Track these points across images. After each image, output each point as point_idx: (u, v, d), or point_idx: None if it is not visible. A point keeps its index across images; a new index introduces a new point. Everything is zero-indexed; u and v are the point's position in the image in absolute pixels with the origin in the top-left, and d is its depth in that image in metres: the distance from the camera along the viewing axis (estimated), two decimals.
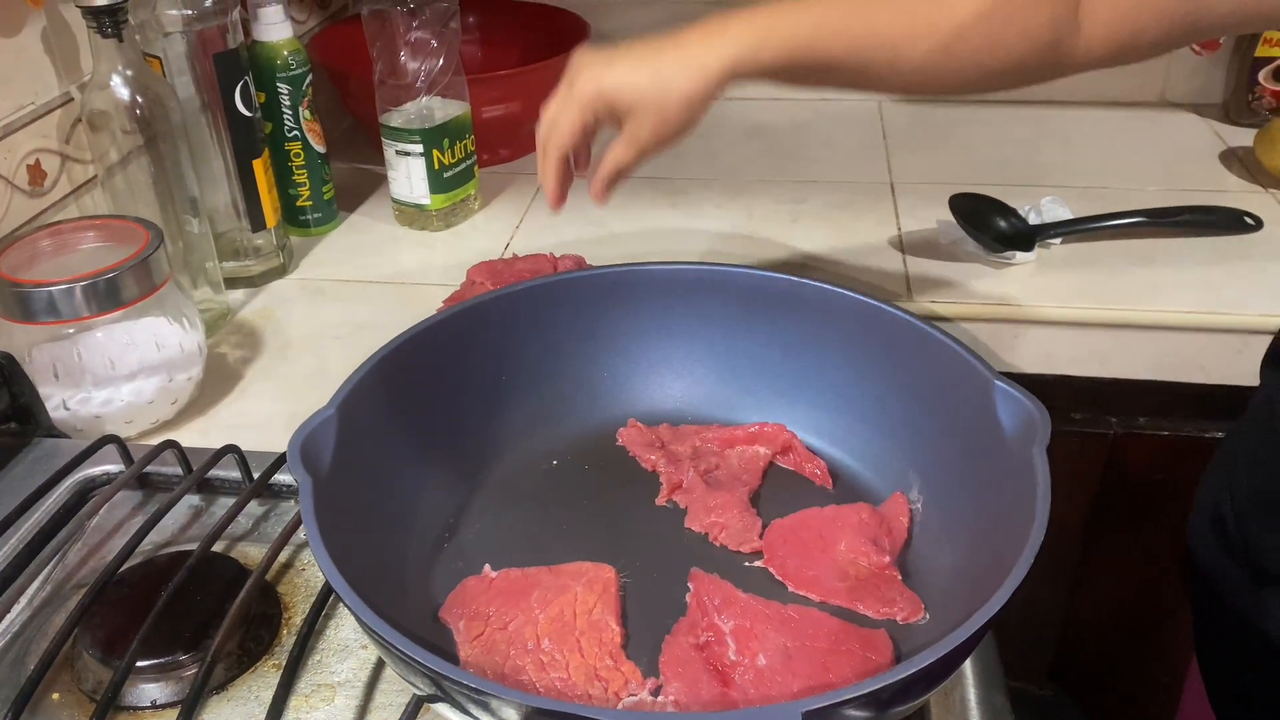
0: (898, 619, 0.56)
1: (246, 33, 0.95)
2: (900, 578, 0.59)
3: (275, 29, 0.96)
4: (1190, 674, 0.77)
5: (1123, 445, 0.98)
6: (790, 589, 0.59)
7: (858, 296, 0.66)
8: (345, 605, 0.46)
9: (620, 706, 0.51)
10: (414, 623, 0.55)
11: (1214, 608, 0.70)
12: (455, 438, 0.66)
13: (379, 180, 1.14)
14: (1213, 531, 0.69)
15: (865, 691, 0.41)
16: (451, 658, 0.54)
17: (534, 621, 0.55)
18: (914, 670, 0.42)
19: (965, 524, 0.58)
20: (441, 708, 0.47)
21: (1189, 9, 0.60)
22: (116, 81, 0.80)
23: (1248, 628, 0.65)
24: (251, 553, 0.65)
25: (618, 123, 0.64)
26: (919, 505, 0.62)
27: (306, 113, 1.00)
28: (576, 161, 0.68)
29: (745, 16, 0.63)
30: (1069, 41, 0.63)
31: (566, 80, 0.64)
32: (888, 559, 0.59)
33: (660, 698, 0.52)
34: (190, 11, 0.87)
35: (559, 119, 0.64)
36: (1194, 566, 0.71)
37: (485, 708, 0.43)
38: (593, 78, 0.63)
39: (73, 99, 0.88)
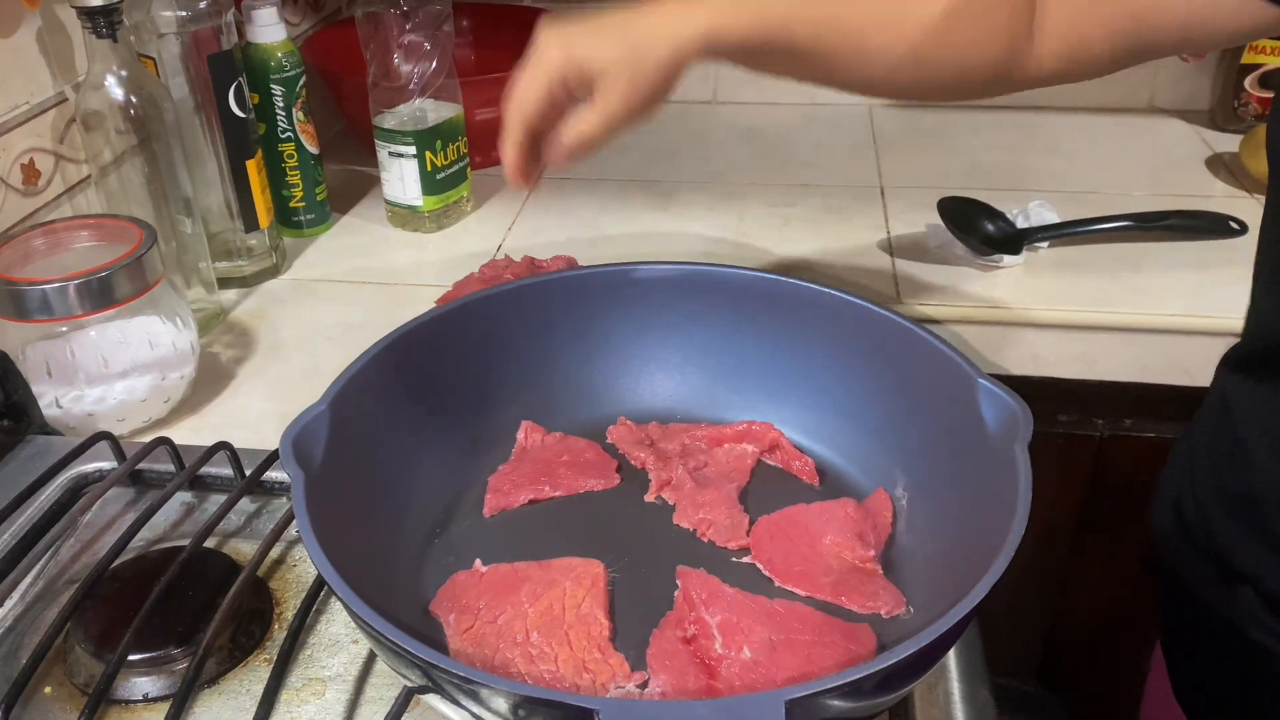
0: (881, 613, 0.57)
1: (240, 34, 0.95)
2: (882, 572, 0.59)
3: (269, 31, 0.97)
4: (1154, 664, 0.78)
5: (1109, 447, 0.99)
6: (777, 584, 0.59)
7: (845, 296, 0.67)
8: (337, 597, 0.47)
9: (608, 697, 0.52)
10: (404, 617, 0.55)
11: (1179, 598, 0.71)
12: (446, 434, 0.67)
13: (372, 182, 1.14)
14: (1175, 524, 0.70)
15: (847, 681, 0.41)
16: (442, 650, 0.55)
17: (523, 615, 0.55)
18: (895, 660, 0.42)
19: (949, 519, 0.58)
20: (432, 699, 0.48)
21: (1135, 26, 0.61)
22: (111, 82, 0.81)
23: (1213, 617, 0.66)
24: (243, 549, 0.65)
25: (588, 94, 0.61)
26: (904, 501, 0.63)
27: (300, 114, 1.00)
28: (545, 138, 0.64)
29: None
30: (1023, 50, 0.64)
31: (533, 50, 0.62)
32: (872, 553, 0.60)
33: (647, 690, 0.53)
34: (184, 13, 0.87)
35: (525, 89, 0.61)
36: (1158, 558, 0.73)
37: (475, 697, 0.44)
38: (561, 45, 0.60)
39: (67, 99, 0.88)
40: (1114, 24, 0.62)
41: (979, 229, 0.99)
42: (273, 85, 0.98)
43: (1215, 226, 1.01)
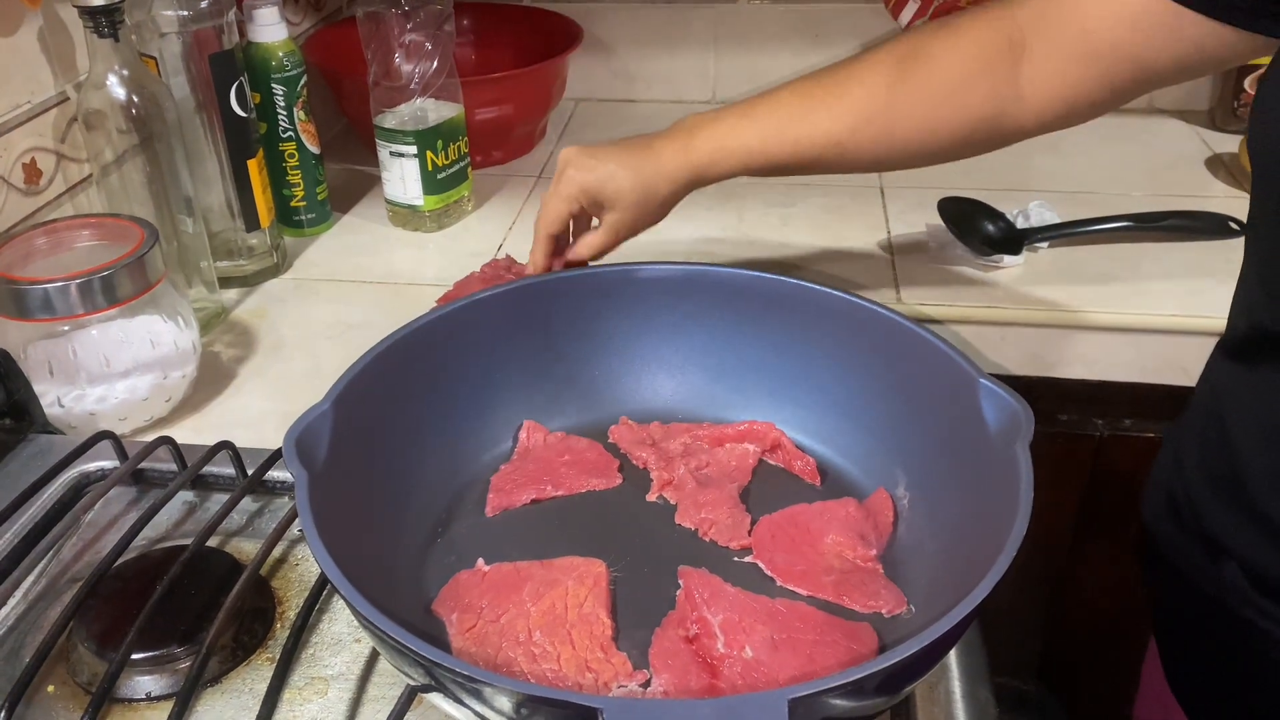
0: (882, 612, 0.57)
1: (242, 34, 0.95)
2: (883, 572, 0.60)
3: (270, 30, 0.97)
4: (1148, 657, 0.78)
5: (1108, 447, 0.99)
6: (779, 584, 0.60)
7: (846, 296, 0.67)
8: (340, 596, 0.47)
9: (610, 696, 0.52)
10: (407, 616, 0.55)
11: (1170, 582, 0.72)
12: (449, 434, 0.67)
13: (373, 181, 1.14)
14: (1166, 509, 0.71)
15: (850, 680, 0.42)
16: (444, 649, 0.55)
17: (526, 614, 0.55)
18: (897, 660, 0.43)
19: (951, 519, 0.58)
20: (435, 698, 0.48)
21: (1134, 70, 0.65)
22: (112, 81, 0.81)
23: (1203, 597, 0.67)
24: (245, 548, 0.65)
25: (599, 212, 0.75)
26: (905, 501, 0.63)
27: (301, 114, 1.00)
28: (566, 241, 0.77)
29: (709, 128, 0.73)
30: (1013, 112, 0.70)
31: (557, 173, 0.75)
32: (874, 553, 0.60)
33: (649, 689, 0.53)
34: (186, 12, 0.87)
35: (548, 207, 0.74)
36: (1151, 545, 0.73)
37: (478, 696, 0.44)
38: (579, 172, 0.73)
39: (68, 98, 0.88)
40: (1113, 75, 0.66)
41: (979, 229, 0.99)
42: (274, 84, 0.98)
43: (1215, 227, 1.01)
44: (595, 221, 0.77)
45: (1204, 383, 0.71)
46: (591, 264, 0.77)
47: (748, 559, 0.62)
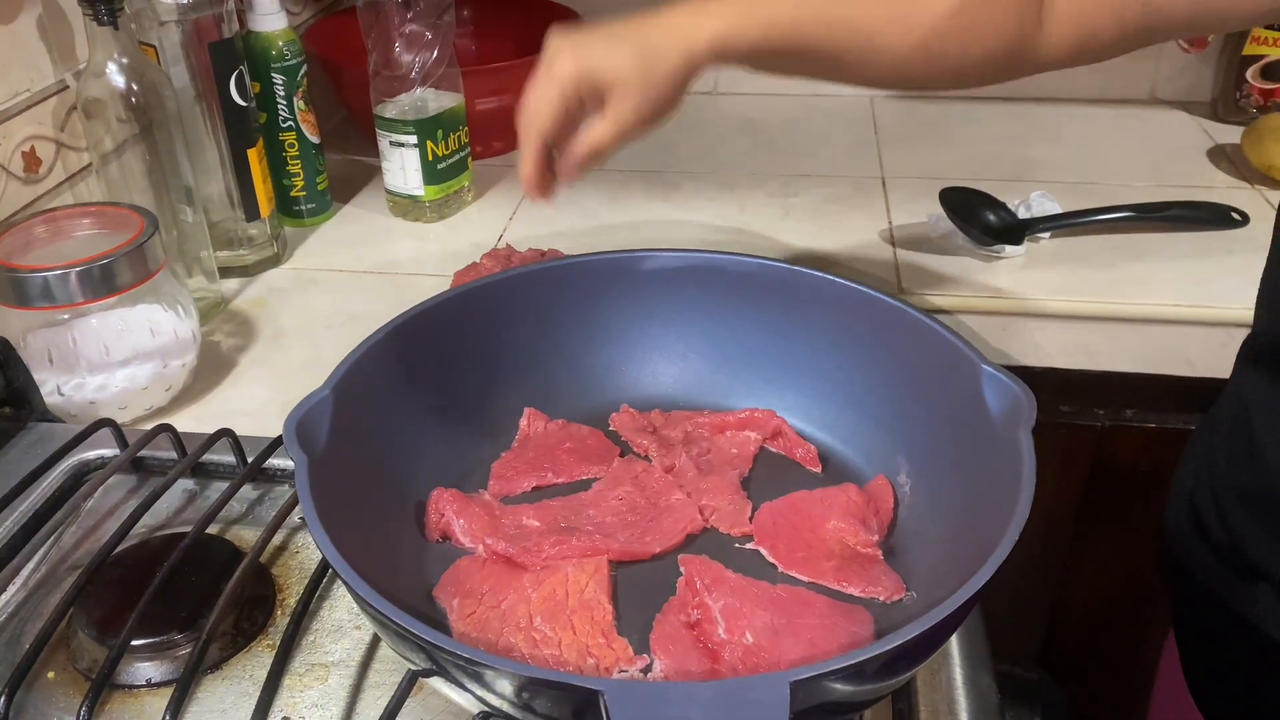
0: (880, 598, 0.57)
1: (241, 23, 0.95)
2: (884, 558, 0.59)
3: (270, 19, 0.96)
4: (1163, 659, 0.78)
5: (1110, 437, 0.99)
6: (780, 570, 0.59)
7: (847, 283, 0.67)
8: (341, 581, 0.47)
9: None
10: (408, 601, 0.55)
11: (1194, 596, 0.71)
12: (449, 420, 0.67)
13: (373, 171, 1.14)
14: (1189, 521, 0.70)
15: (851, 663, 0.41)
16: (445, 635, 0.54)
17: (527, 600, 0.55)
18: (899, 643, 0.42)
19: (953, 506, 0.58)
20: (436, 682, 0.48)
21: (1145, 12, 0.61)
22: (112, 69, 0.80)
23: (1228, 615, 0.66)
24: (246, 536, 0.65)
25: (600, 104, 0.62)
26: (907, 488, 0.63)
27: (301, 103, 1.00)
28: (560, 149, 0.65)
29: None
30: (1033, 38, 0.64)
31: (545, 61, 0.62)
32: (875, 538, 0.60)
33: (650, 674, 0.53)
34: (185, 1, 0.87)
35: (539, 101, 0.62)
36: (1173, 559, 0.72)
37: (479, 680, 0.44)
38: (572, 56, 0.61)
39: (68, 86, 0.88)
40: (1124, 13, 0.62)
41: (981, 219, 0.99)
42: (274, 74, 0.98)
43: (1217, 217, 1.01)
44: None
45: (1231, 388, 0.69)
46: (591, 253, 0.77)
47: (749, 546, 0.62)
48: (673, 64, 0.61)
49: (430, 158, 1.03)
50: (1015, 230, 0.98)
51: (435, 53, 1.02)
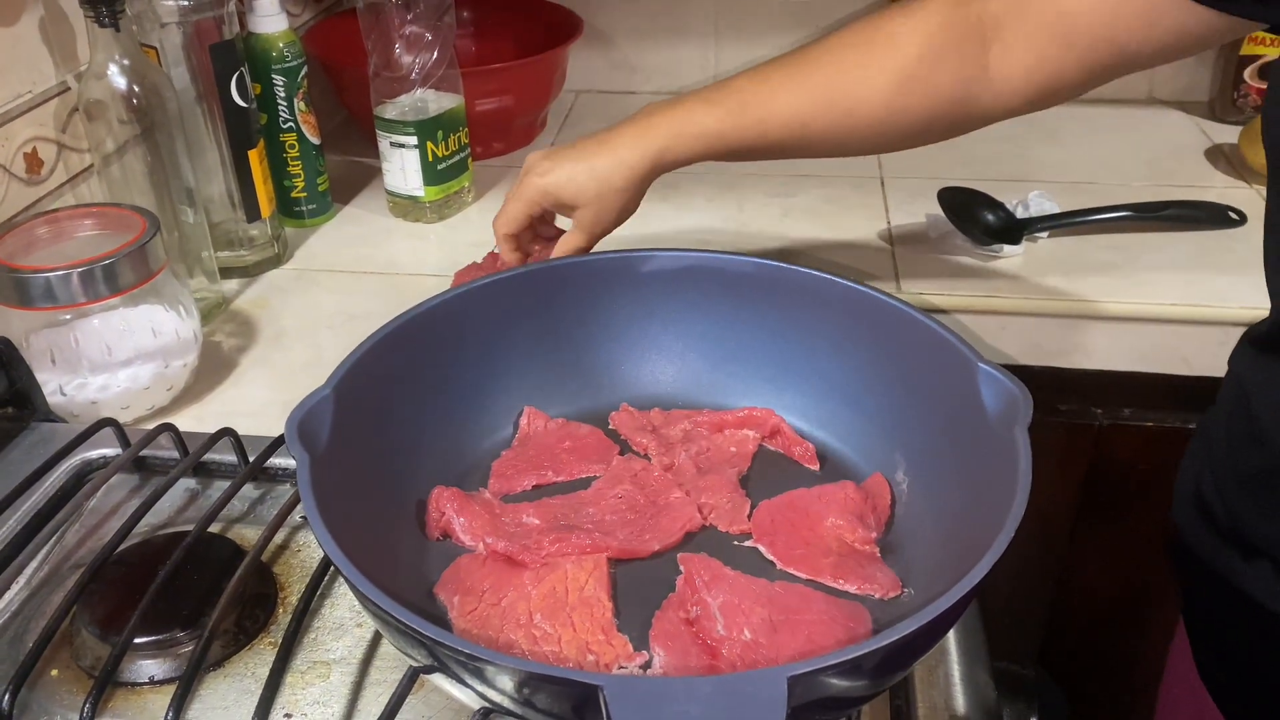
0: (876, 595, 0.57)
1: (242, 24, 0.95)
2: (881, 555, 0.60)
3: (271, 21, 0.97)
4: (1172, 651, 0.78)
5: (1108, 436, 0.99)
6: (778, 567, 0.60)
7: (844, 282, 0.67)
8: (343, 577, 0.47)
9: None
10: (409, 599, 0.55)
11: (1199, 579, 0.72)
12: (450, 419, 0.67)
13: (373, 172, 1.14)
14: (1197, 513, 0.71)
15: (848, 658, 0.42)
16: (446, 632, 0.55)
17: (527, 597, 0.55)
18: (896, 638, 0.43)
19: (950, 503, 0.59)
20: (437, 679, 0.48)
21: (1111, 53, 0.64)
22: (113, 71, 0.81)
23: (1234, 595, 0.67)
24: (247, 534, 0.65)
25: (566, 212, 0.75)
26: (904, 486, 0.63)
27: (301, 104, 1.00)
28: (531, 243, 0.78)
29: (668, 113, 0.72)
30: (980, 94, 0.69)
31: (520, 176, 0.75)
32: (873, 535, 0.60)
33: (650, 670, 0.53)
34: (186, 2, 0.87)
35: (509, 212, 0.75)
36: (1181, 548, 0.73)
37: (480, 676, 0.44)
38: (538, 176, 0.73)
39: (69, 88, 0.89)
40: (1091, 58, 0.65)
41: (979, 219, 0.99)
42: (274, 75, 0.98)
43: (1214, 217, 1.01)
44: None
45: (1230, 374, 0.70)
46: (591, 253, 0.77)
47: (747, 543, 0.62)
48: (620, 183, 0.72)
49: (430, 158, 1.04)
50: (1013, 230, 0.99)
51: (435, 54, 1.02)
